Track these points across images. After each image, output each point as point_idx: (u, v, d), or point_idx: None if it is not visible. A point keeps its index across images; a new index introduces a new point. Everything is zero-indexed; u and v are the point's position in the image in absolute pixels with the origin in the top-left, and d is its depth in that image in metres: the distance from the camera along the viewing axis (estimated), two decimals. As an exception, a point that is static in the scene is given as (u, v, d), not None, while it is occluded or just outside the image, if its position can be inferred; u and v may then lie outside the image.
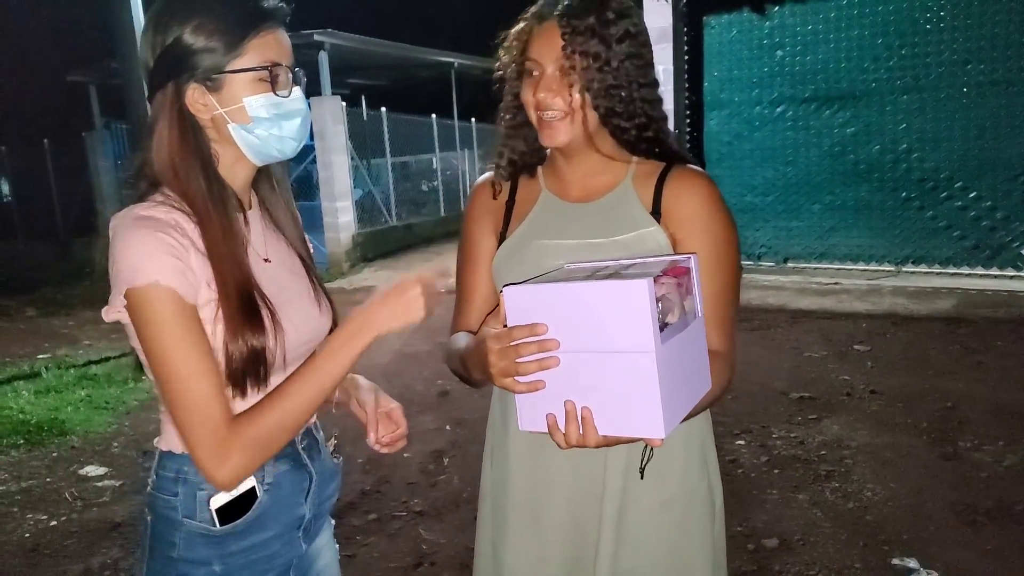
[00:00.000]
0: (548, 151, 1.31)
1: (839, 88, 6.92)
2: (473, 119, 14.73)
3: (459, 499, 3.30)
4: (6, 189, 15.88)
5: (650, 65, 1.19)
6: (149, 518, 1.12)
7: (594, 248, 1.20)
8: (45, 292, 9.90)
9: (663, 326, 0.91)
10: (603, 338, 0.92)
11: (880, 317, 5.95)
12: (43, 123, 14.84)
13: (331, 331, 1.23)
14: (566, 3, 1.15)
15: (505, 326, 0.98)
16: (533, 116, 1.20)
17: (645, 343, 0.89)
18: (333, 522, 1.34)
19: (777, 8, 7.07)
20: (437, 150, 13.57)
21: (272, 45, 1.07)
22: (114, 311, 1.00)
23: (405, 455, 3.81)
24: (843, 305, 6.39)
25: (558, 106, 1.15)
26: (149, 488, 1.13)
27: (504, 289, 0.97)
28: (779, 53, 7.10)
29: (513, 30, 1.23)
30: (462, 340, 1.24)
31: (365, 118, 11.56)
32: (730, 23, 7.21)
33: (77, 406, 4.88)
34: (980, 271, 6.83)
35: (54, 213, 14.06)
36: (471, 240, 1.35)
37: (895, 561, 2.65)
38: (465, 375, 1.20)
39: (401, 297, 1.07)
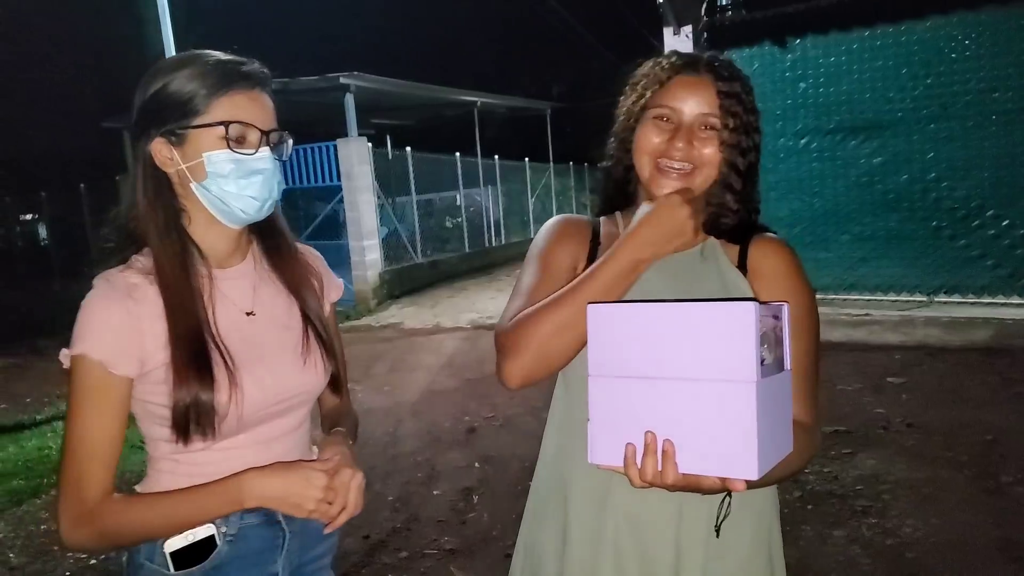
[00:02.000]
0: (636, 199, 1.25)
1: (864, 118, 6.90)
2: (496, 156, 14.90)
3: (489, 536, 3.27)
4: (44, 233, 16.30)
5: (759, 135, 1.17)
6: (124, 559, 1.14)
7: (680, 292, 1.15)
8: (80, 332, 10.05)
9: (761, 360, 0.84)
10: (696, 364, 0.84)
11: (914, 348, 5.84)
12: (79, 168, 15.28)
13: (332, 385, 1.24)
14: (713, 61, 1.14)
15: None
16: (647, 162, 1.15)
17: (746, 372, 0.81)
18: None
19: (799, 41, 7.10)
20: (461, 187, 13.72)
21: (242, 105, 1.08)
22: (64, 361, 1.07)
23: (435, 492, 3.80)
24: (875, 337, 6.29)
25: (692, 160, 1.12)
26: None
27: (589, 307, 0.91)
28: (802, 85, 7.11)
29: (649, 67, 1.18)
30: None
31: (390, 157, 11.74)
32: (751, 57, 7.25)
33: (110, 445, 4.94)
34: (1016, 300, 6.69)
35: (89, 255, 14.32)
36: (550, 262, 1.22)
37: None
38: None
39: (304, 491, 1.06)
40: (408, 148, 12.01)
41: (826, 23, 6.96)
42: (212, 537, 1.09)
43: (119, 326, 1.03)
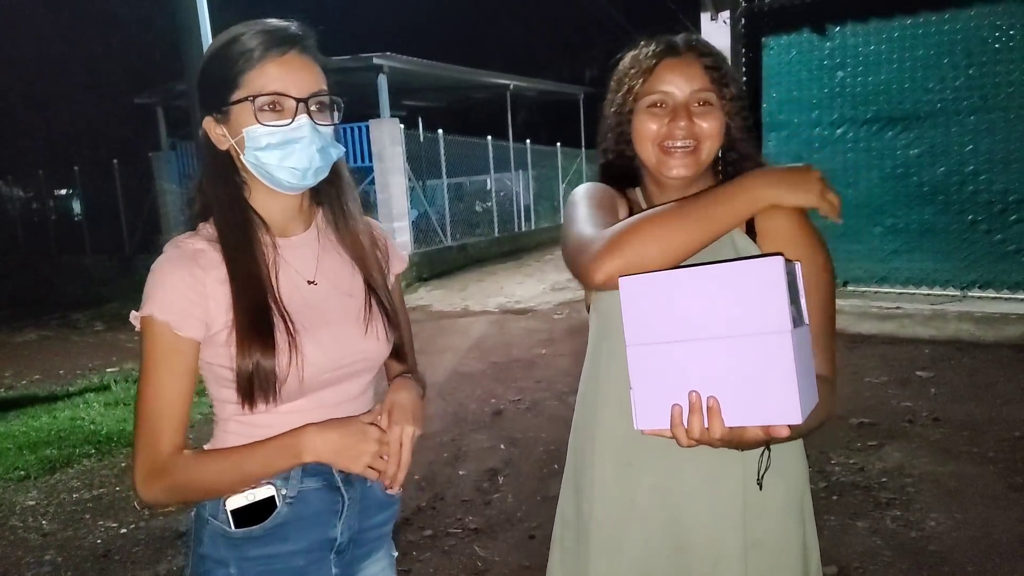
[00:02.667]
0: (641, 179, 1.30)
1: (902, 109, 6.77)
2: (528, 140, 14.86)
3: (513, 517, 3.33)
4: (77, 208, 16.64)
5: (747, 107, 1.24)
6: (193, 514, 1.20)
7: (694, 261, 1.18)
8: (112, 307, 10.30)
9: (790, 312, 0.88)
10: (731, 322, 0.88)
11: (944, 343, 5.77)
12: (112, 144, 15.51)
13: (397, 355, 1.27)
14: (691, 41, 1.19)
15: None
16: (651, 149, 1.19)
17: (780, 323, 0.86)
18: (396, 554, 1.34)
19: (838, 29, 6.98)
20: (492, 171, 13.72)
21: (273, 75, 1.08)
22: (135, 323, 1.11)
23: (460, 472, 3.87)
24: (905, 330, 6.22)
25: (693, 137, 1.16)
26: None
27: (621, 280, 0.95)
28: (840, 74, 6.99)
29: (631, 60, 1.22)
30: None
31: (422, 139, 11.80)
32: (789, 44, 7.14)
33: (146, 416, 5.09)
34: (1052, 297, 6.56)
35: (121, 231, 14.67)
36: (602, 199, 1.25)
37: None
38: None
39: (358, 445, 1.12)
40: (440, 131, 12.05)
41: (867, 10, 6.81)
42: (272, 498, 1.13)
43: (185, 289, 1.07)
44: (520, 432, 4.38)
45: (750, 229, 1.19)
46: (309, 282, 1.18)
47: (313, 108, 1.11)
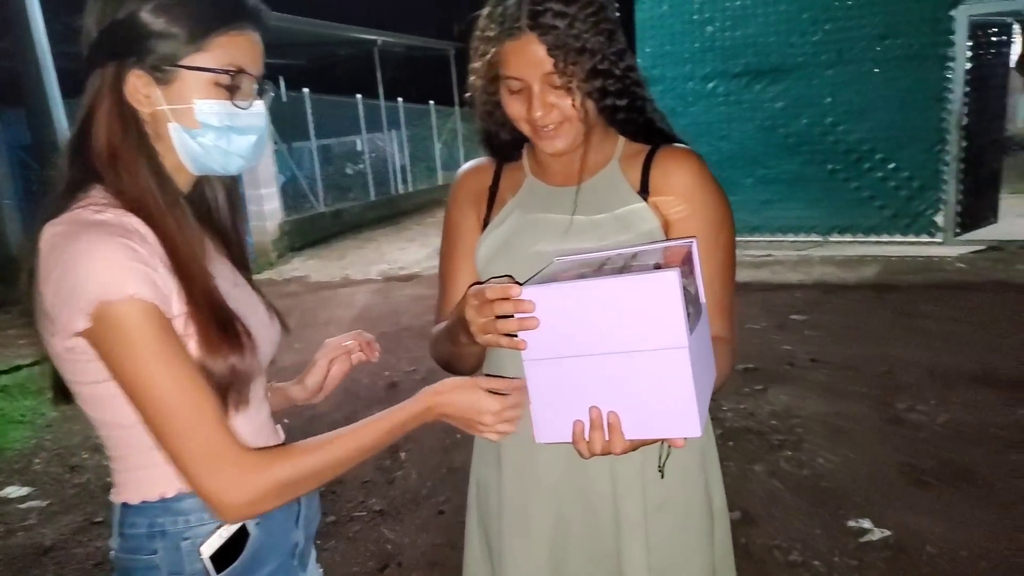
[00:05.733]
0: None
1: (769, 62, 7.06)
2: (400, 99, 14.42)
3: (419, 496, 3.22)
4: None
5: (619, 31, 1.11)
6: (129, 564, 0.97)
7: (579, 229, 1.16)
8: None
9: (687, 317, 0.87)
10: (627, 337, 0.87)
11: (812, 287, 6.13)
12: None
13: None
14: (536, 15, 1.04)
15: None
16: (526, 129, 1.13)
17: (677, 339, 0.85)
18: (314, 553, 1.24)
19: (706, -18, 7.14)
20: (364, 131, 13.24)
21: (243, 47, 0.95)
22: (69, 333, 0.85)
23: (358, 451, 3.70)
24: (777, 276, 6.56)
25: (555, 119, 1.09)
26: (115, 552, 0.98)
27: (522, 289, 0.91)
28: (709, 28, 7.17)
29: (483, 26, 1.11)
30: (441, 326, 1.20)
31: (285, 99, 11.14)
32: (660, -1, 7.24)
33: (-9, 419, 4.56)
34: (900, 238, 7.13)
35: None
36: (453, 227, 1.31)
37: (851, 523, 2.72)
38: (452, 355, 1.16)
39: (478, 416, 0.99)
40: (305, 90, 11.43)
41: (732, -36, 7.01)
42: (243, 527, 0.98)
43: (142, 266, 0.85)
44: (417, 404, 4.24)
45: (644, 185, 1.16)
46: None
47: (265, 91, 1.01)
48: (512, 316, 0.92)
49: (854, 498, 2.91)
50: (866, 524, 2.71)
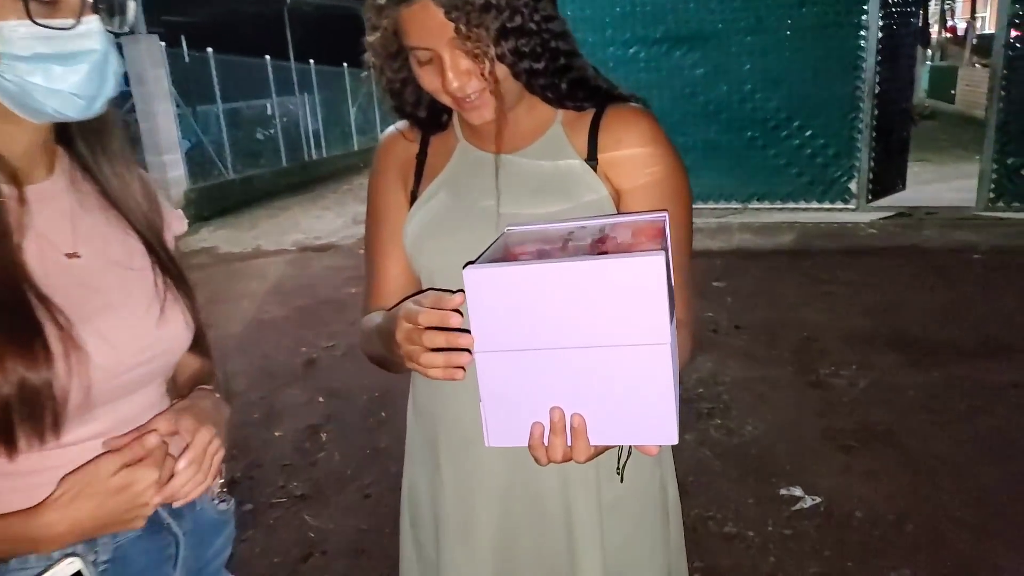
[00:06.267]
0: None
1: (688, 28, 7.03)
2: (312, 60, 13.80)
3: (343, 477, 3.05)
4: None
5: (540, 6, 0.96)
6: None
7: (519, 201, 1.02)
8: None
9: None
10: (599, 329, 0.74)
11: (731, 253, 6.21)
12: None
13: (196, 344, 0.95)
14: None
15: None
16: (447, 100, 0.98)
17: (659, 333, 0.72)
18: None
19: (625, -57, 7.02)
20: (274, 94, 12.61)
21: None
22: None
23: (276, 434, 3.49)
24: (698, 243, 6.49)
25: (476, 86, 0.95)
26: None
27: (465, 272, 0.75)
28: (630, -8, 7.08)
29: (370, 15, 0.97)
30: (376, 318, 1.04)
31: (187, 59, 10.45)
32: (581, -40, 7.09)
33: None
34: (815, 205, 7.32)
35: None
36: (378, 203, 1.16)
37: (783, 491, 2.74)
38: (385, 358, 1.00)
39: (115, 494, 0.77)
40: (209, 50, 10.75)
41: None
42: (79, 574, 0.79)
43: None
44: (338, 381, 4.04)
45: (592, 151, 1.03)
46: (69, 255, 0.83)
47: (101, 5, 0.79)
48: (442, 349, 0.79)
49: (784, 465, 2.93)
50: (797, 492, 2.73)
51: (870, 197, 7.17)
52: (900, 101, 7.32)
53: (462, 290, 0.77)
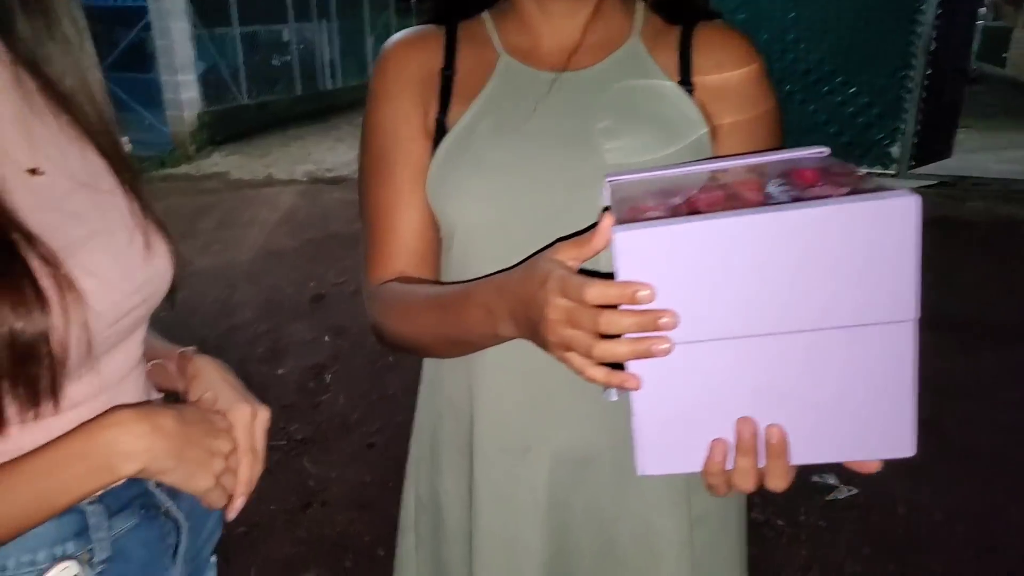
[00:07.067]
0: None
1: (735, -31, 6.61)
2: (333, -15, 13.33)
3: (348, 422, 2.89)
4: None
5: None
6: None
7: (598, 141, 0.78)
8: None
9: None
10: (819, 304, 0.53)
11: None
12: None
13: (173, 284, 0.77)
14: None
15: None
16: None
17: (905, 306, 0.53)
18: (215, 559, 0.90)
19: None
20: (292, 20, 12.20)
21: None
22: None
23: (279, 371, 3.33)
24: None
25: None
26: None
27: (616, 235, 0.53)
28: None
29: None
30: (423, 289, 0.82)
31: (205, -23, 10.04)
32: None
33: None
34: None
35: None
36: (382, 138, 0.85)
37: (815, 479, 2.56)
38: (458, 341, 0.78)
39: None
40: (227, -34, 10.33)
41: None
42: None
43: None
44: (347, 320, 3.86)
45: (685, 69, 0.82)
46: (30, 171, 0.63)
47: None
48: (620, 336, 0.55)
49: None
50: (831, 480, 2.54)
51: (912, 163, 6.79)
52: (956, 61, 6.85)
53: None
